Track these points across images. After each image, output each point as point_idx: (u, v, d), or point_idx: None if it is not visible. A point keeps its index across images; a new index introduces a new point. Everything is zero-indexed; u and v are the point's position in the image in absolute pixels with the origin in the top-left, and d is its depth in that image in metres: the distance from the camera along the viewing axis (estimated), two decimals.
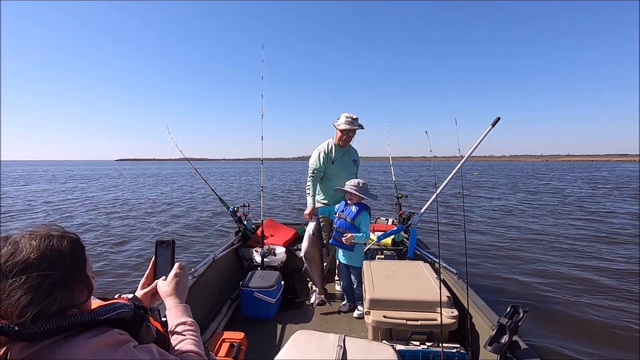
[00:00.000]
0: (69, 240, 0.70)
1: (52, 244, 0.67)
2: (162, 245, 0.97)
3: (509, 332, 1.59)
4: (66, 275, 0.66)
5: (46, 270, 0.63)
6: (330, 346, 1.44)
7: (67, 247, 0.69)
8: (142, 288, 0.99)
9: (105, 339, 0.66)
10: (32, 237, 0.66)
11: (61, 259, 0.67)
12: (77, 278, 0.69)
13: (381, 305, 2.09)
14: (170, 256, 0.97)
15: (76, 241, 0.72)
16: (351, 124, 2.98)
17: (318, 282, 2.85)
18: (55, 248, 0.67)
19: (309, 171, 3.12)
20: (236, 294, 2.98)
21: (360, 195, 2.73)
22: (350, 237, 2.63)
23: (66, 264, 0.67)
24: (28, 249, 0.64)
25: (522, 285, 4.69)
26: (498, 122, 2.81)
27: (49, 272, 0.63)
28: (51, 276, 0.64)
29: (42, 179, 28.72)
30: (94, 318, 0.68)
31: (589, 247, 6.66)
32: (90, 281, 0.73)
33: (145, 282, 1.00)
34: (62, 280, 0.65)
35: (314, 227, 2.75)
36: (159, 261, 0.97)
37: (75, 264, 0.69)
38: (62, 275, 0.65)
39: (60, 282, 0.65)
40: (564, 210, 11.47)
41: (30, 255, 0.63)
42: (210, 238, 7.38)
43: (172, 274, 0.96)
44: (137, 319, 0.77)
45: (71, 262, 0.68)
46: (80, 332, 0.66)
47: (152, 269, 0.99)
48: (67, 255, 0.68)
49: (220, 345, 1.76)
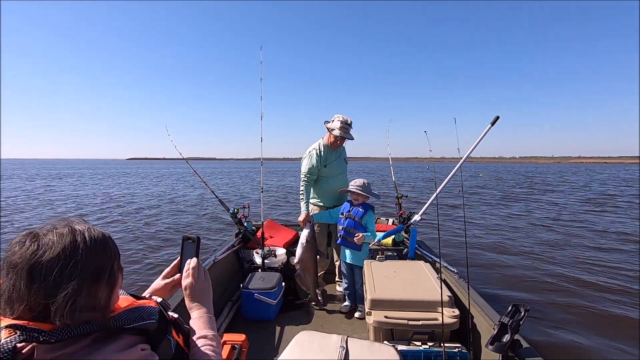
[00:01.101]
0: (95, 234, 0.67)
1: (78, 239, 0.63)
2: (187, 241, 1.00)
3: (511, 331, 1.60)
4: (96, 272, 0.64)
5: (72, 267, 0.60)
6: (332, 347, 1.44)
7: (93, 242, 0.66)
8: (165, 278, 1.01)
9: (130, 355, 0.65)
10: (56, 232, 0.63)
11: (89, 254, 0.63)
12: (105, 274, 0.66)
13: (382, 306, 2.09)
14: (195, 252, 1.00)
15: (102, 234, 0.69)
16: (346, 132, 2.97)
17: (311, 289, 2.88)
18: (82, 242, 0.63)
19: (302, 175, 3.05)
20: (237, 296, 2.98)
21: (366, 195, 2.75)
22: (362, 237, 2.67)
23: (95, 259, 0.64)
24: (53, 245, 0.60)
25: (523, 284, 4.69)
26: (497, 121, 2.82)
27: (75, 268, 0.61)
28: (79, 273, 0.61)
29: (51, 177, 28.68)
30: (119, 325, 0.66)
31: (590, 248, 6.68)
32: (117, 276, 0.71)
33: (170, 272, 1.01)
34: (90, 276, 0.63)
35: (308, 234, 2.78)
36: (184, 255, 1.00)
37: (103, 259, 0.67)
38: (90, 271, 0.63)
39: (88, 278, 0.62)
40: (565, 210, 11.49)
41: (55, 251, 0.60)
42: (210, 240, 7.37)
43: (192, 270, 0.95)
44: (160, 331, 0.75)
45: (99, 258, 0.66)
46: (105, 337, 0.65)
47: (178, 262, 1.02)
48: (95, 250, 0.65)
49: (222, 347, 1.75)
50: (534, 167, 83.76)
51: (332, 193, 3.14)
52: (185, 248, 1.00)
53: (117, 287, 0.72)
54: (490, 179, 29.64)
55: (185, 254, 0.99)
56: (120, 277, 0.74)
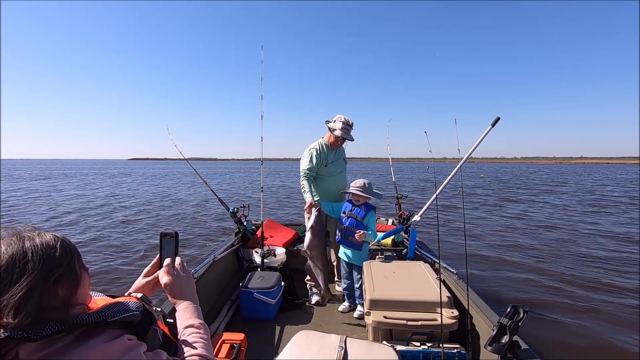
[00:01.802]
0: (45, 239, 0.68)
1: (26, 245, 0.65)
2: (166, 237, 0.98)
3: (510, 332, 1.60)
4: (47, 273, 0.65)
5: (20, 272, 0.62)
6: (331, 347, 1.45)
7: (44, 246, 0.67)
8: (146, 276, 1.00)
9: (117, 346, 0.66)
10: (4, 242, 0.65)
11: (39, 258, 0.65)
12: (59, 274, 0.67)
13: (381, 306, 2.09)
14: (174, 248, 0.98)
15: (53, 237, 0.70)
16: (347, 133, 3.00)
17: (321, 279, 2.68)
18: (31, 247, 0.65)
19: (301, 173, 3.07)
20: (236, 295, 2.98)
21: (366, 196, 2.75)
22: (363, 234, 2.66)
23: (46, 262, 0.65)
24: (2, 254, 0.62)
25: (522, 286, 4.69)
26: (498, 122, 2.81)
27: (24, 272, 0.62)
28: (28, 276, 0.62)
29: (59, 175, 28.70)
30: (102, 319, 0.67)
31: (591, 247, 6.67)
32: (79, 276, 0.72)
33: (150, 270, 1.01)
34: (43, 278, 0.64)
35: (315, 219, 2.64)
36: (163, 252, 0.98)
37: (56, 260, 0.67)
38: (42, 273, 0.64)
39: (40, 280, 0.63)
40: (565, 211, 11.49)
41: (4, 259, 0.62)
42: (210, 239, 7.38)
43: (165, 267, 0.95)
44: (145, 322, 0.76)
45: (51, 260, 0.66)
46: (89, 334, 0.66)
47: (158, 259, 1.00)
48: (46, 253, 0.66)
49: (221, 347, 1.75)
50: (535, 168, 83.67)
51: (331, 192, 3.14)
52: (164, 244, 0.98)
53: (81, 286, 0.72)
54: (492, 180, 29.62)
55: (164, 251, 0.98)
56: (85, 276, 0.75)
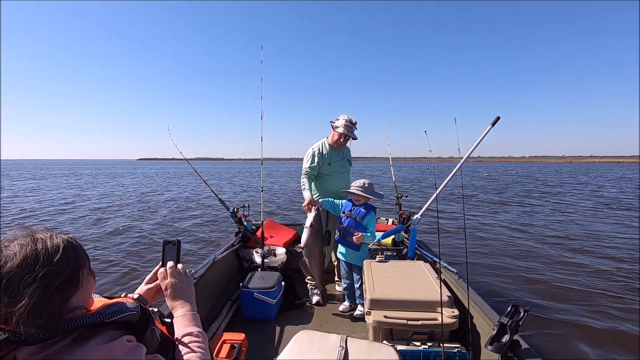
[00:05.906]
0: (57, 242, 0.68)
1: (39, 247, 0.64)
2: (168, 245, 1.01)
3: (510, 331, 1.60)
4: (58, 277, 0.64)
5: (34, 275, 0.61)
6: (332, 347, 1.44)
7: (55, 249, 0.66)
8: (147, 283, 1.01)
9: (117, 348, 0.66)
10: (17, 242, 0.64)
11: (51, 261, 0.64)
12: (70, 278, 0.67)
13: (382, 306, 2.09)
14: (176, 255, 1.00)
15: (66, 241, 0.70)
16: (350, 130, 3.01)
17: (317, 276, 2.77)
18: (43, 250, 0.64)
19: (303, 171, 3.10)
20: (236, 295, 2.98)
21: (367, 196, 2.74)
22: (361, 237, 2.65)
23: (57, 265, 0.65)
24: (14, 256, 0.62)
25: (523, 285, 4.69)
26: (498, 121, 2.82)
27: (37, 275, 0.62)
28: (40, 279, 0.61)
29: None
30: (100, 320, 0.67)
31: (591, 248, 6.67)
32: (86, 279, 0.72)
33: (153, 277, 1.02)
34: (54, 282, 0.63)
35: (314, 218, 2.68)
36: (166, 259, 1.00)
37: (66, 264, 0.67)
38: (53, 276, 0.63)
39: (52, 284, 0.63)
40: (566, 212, 11.49)
41: (16, 262, 0.61)
42: (210, 239, 7.38)
43: (169, 269, 0.96)
44: (143, 322, 0.76)
45: (62, 264, 0.66)
46: (87, 335, 0.66)
47: (160, 267, 1.02)
48: (58, 256, 0.66)
49: (221, 347, 1.75)
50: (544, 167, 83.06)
51: (333, 192, 3.14)
52: (166, 252, 1.00)
53: (85, 291, 0.72)
54: (498, 179, 29.52)
55: (166, 258, 1.00)
56: (90, 280, 0.75)
